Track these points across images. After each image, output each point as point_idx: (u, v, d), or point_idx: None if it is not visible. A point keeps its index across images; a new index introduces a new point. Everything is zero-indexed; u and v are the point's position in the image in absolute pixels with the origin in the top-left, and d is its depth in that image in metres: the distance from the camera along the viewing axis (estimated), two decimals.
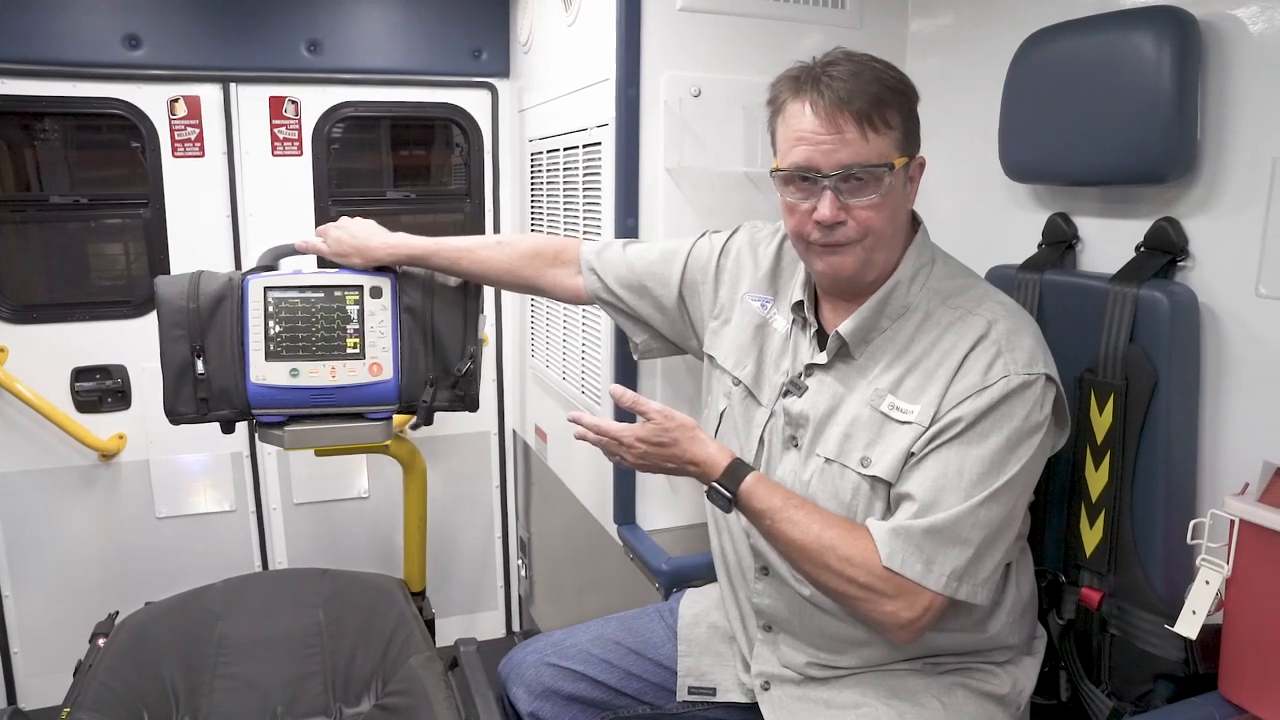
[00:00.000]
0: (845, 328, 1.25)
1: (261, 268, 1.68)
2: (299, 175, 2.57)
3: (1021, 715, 1.32)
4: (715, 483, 1.26)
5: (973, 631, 1.26)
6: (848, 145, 1.15)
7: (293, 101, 2.52)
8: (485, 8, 2.60)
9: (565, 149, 2.10)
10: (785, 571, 1.30)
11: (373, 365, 1.65)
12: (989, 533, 1.15)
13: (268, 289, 1.60)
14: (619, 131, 1.73)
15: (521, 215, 2.60)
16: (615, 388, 1.37)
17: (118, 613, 1.87)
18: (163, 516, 2.61)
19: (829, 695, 1.30)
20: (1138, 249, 1.37)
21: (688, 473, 1.31)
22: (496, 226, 2.78)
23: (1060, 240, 1.51)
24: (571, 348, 2.15)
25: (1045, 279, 1.46)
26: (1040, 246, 1.54)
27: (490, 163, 2.74)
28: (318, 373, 1.61)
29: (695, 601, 1.54)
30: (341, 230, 1.70)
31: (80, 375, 2.46)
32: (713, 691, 1.45)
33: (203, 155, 2.46)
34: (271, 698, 1.58)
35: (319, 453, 1.75)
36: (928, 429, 1.16)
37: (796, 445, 1.30)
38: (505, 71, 2.67)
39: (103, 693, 1.52)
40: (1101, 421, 1.33)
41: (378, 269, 1.69)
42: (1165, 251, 1.33)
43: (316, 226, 1.74)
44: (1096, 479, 1.34)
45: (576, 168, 2.02)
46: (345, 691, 1.61)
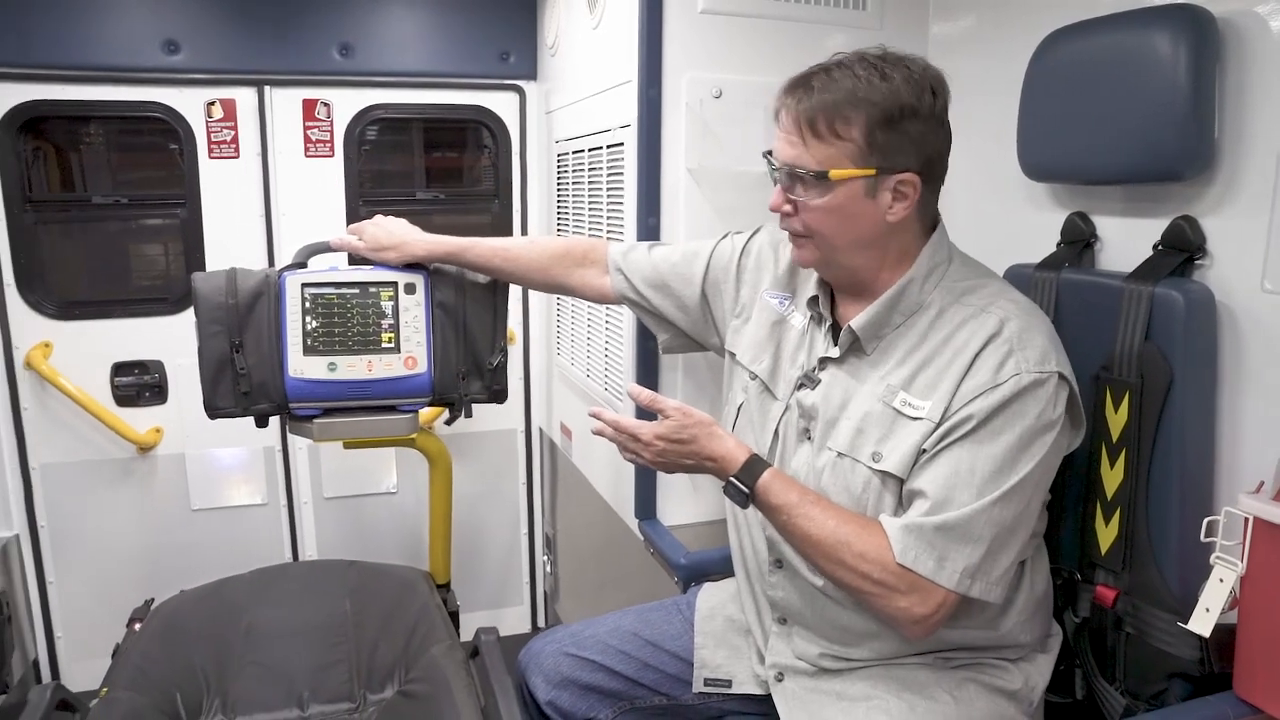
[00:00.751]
0: (857, 322, 1.27)
1: (295, 265, 1.72)
2: (331, 176, 2.63)
3: (1034, 711, 1.32)
4: (732, 478, 1.27)
5: (985, 628, 1.27)
6: (793, 146, 1.21)
7: (325, 104, 2.58)
8: (513, 11, 2.65)
9: (590, 150, 2.13)
10: (799, 564, 1.32)
11: (408, 359, 1.71)
12: (1001, 531, 1.15)
13: (305, 285, 1.65)
14: (641, 132, 1.76)
15: (549, 215, 2.63)
16: (633, 387, 1.38)
17: (153, 599, 1.93)
18: (197, 508, 2.68)
19: (841, 687, 1.31)
20: (1155, 247, 1.37)
21: (705, 469, 1.31)
22: (524, 227, 2.82)
23: (1078, 239, 1.51)
24: (595, 345, 2.18)
25: (1062, 278, 1.46)
26: (1059, 246, 1.55)
27: (518, 164, 2.79)
28: (355, 366, 1.66)
29: (712, 595, 1.57)
30: (378, 228, 1.74)
31: (120, 370, 2.54)
32: (728, 683, 1.47)
33: (238, 156, 2.53)
34: (298, 683, 1.63)
35: (347, 445, 1.80)
36: (938, 425, 1.18)
37: (810, 438, 1.32)
38: (533, 74, 2.72)
39: (137, 674, 1.57)
40: (1117, 419, 1.33)
41: (409, 266, 1.73)
42: (1182, 250, 1.32)
43: (348, 226, 1.78)
44: (1112, 477, 1.34)
45: (601, 168, 2.05)
46: (369, 679, 1.65)
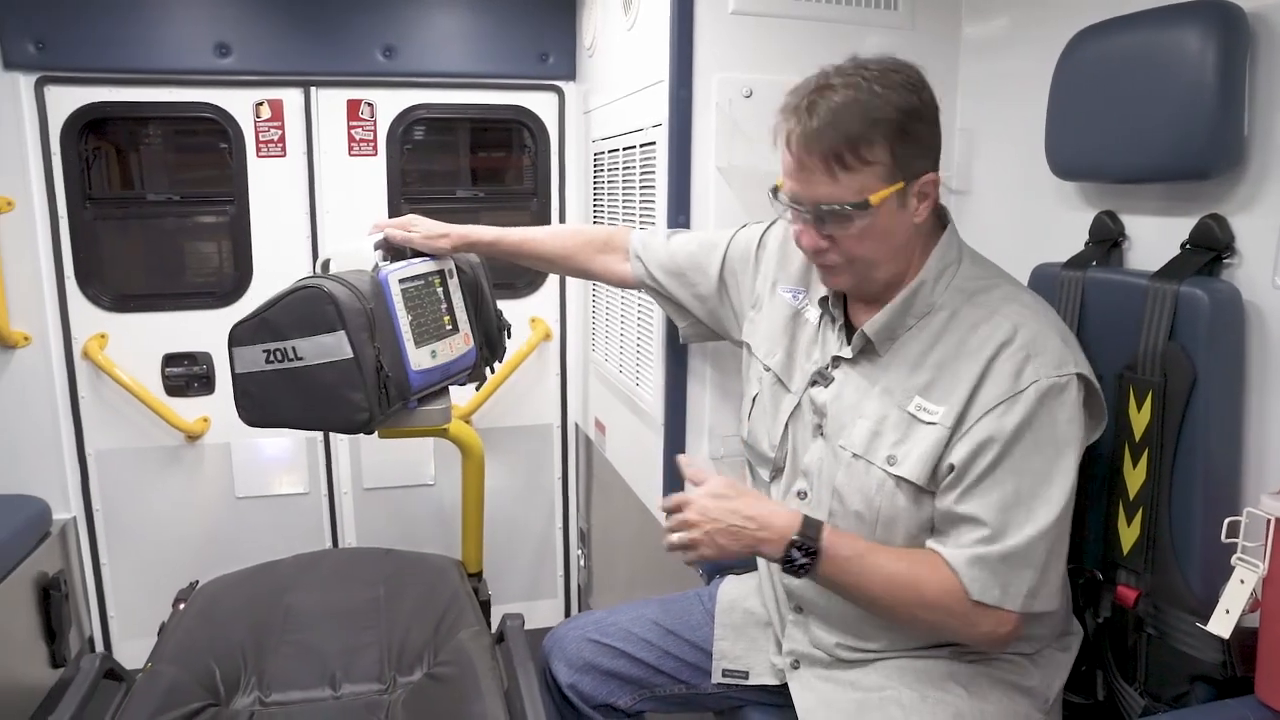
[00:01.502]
0: (870, 326, 1.28)
1: (384, 263, 1.75)
2: (373, 174, 2.70)
3: (1050, 709, 1.32)
4: (796, 536, 1.19)
5: None
6: (818, 184, 1.18)
7: (369, 104, 2.66)
8: (552, 13, 2.69)
9: (624, 149, 2.17)
10: None
11: (464, 336, 1.83)
12: (1051, 544, 1.18)
13: (400, 281, 1.68)
14: (671, 131, 1.78)
15: (586, 214, 2.67)
16: (682, 458, 1.35)
17: (198, 581, 2.01)
18: (242, 496, 2.77)
19: (855, 677, 1.32)
20: (1183, 246, 1.36)
21: (752, 534, 1.21)
22: (562, 223, 2.87)
23: (1106, 239, 1.50)
24: (628, 340, 2.22)
25: (1088, 276, 1.45)
26: (1086, 245, 1.54)
27: (557, 163, 2.83)
28: (444, 351, 1.75)
29: (733, 587, 1.58)
30: (421, 220, 1.80)
31: (170, 361, 2.64)
32: (745, 675, 1.49)
33: (284, 155, 2.62)
34: (330, 664, 1.68)
35: (383, 435, 1.85)
36: (953, 431, 1.19)
37: (823, 434, 1.34)
38: (571, 74, 2.76)
39: (179, 650, 1.64)
40: (1140, 419, 1.32)
41: (428, 255, 1.80)
42: (1210, 249, 1.31)
43: (376, 223, 1.81)
44: (1134, 476, 1.33)
45: (634, 167, 2.09)
46: (399, 662, 1.69)
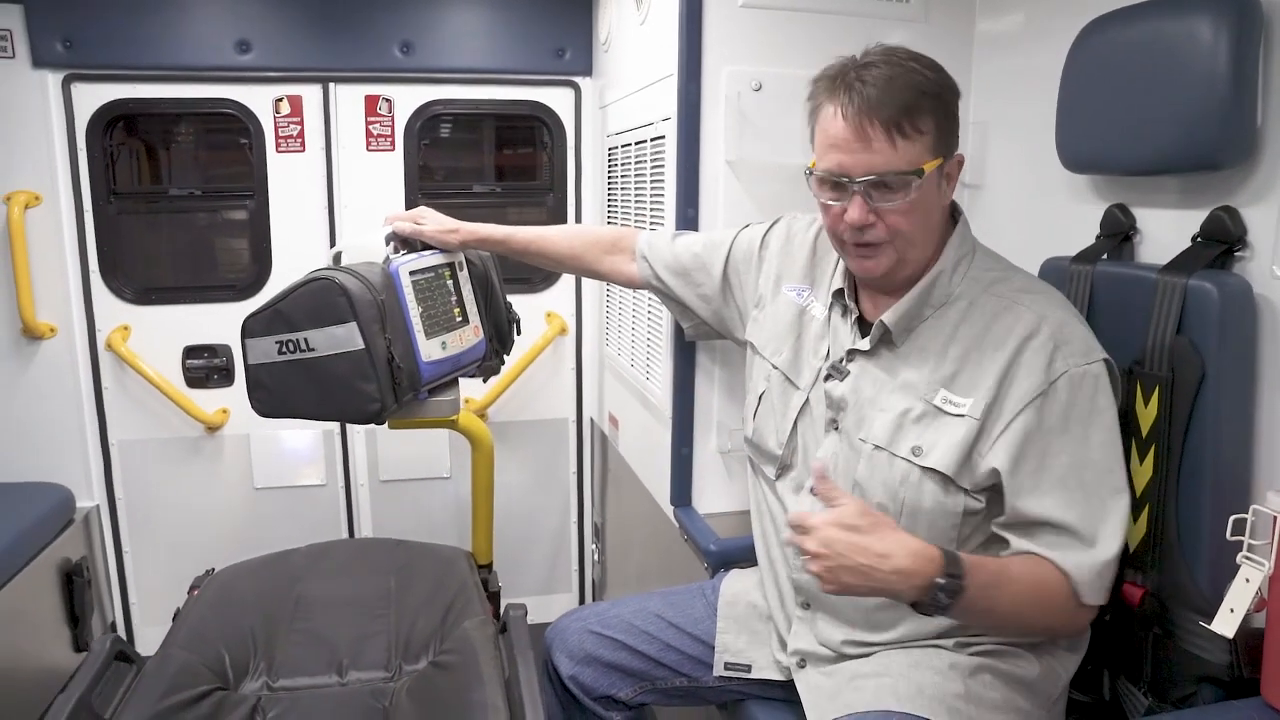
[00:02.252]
0: (889, 317, 1.28)
1: (397, 255, 1.77)
2: (391, 169, 2.73)
3: (1053, 706, 1.30)
4: (943, 578, 1.08)
5: None
6: (876, 153, 1.17)
7: (386, 100, 2.68)
8: (568, 8, 2.70)
9: (636, 143, 2.17)
10: None
11: (474, 328, 1.84)
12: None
13: (411, 273, 1.70)
14: (680, 125, 1.78)
15: (601, 209, 2.68)
16: (818, 464, 1.18)
17: (214, 569, 2.04)
18: (260, 487, 2.82)
19: (856, 668, 1.32)
20: (1194, 239, 1.33)
21: (882, 574, 1.07)
22: (578, 219, 2.88)
23: (1117, 232, 1.48)
24: (639, 335, 2.22)
25: (1097, 270, 1.43)
26: (1098, 238, 1.52)
27: (573, 158, 2.84)
28: (454, 342, 1.77)
29: (736, 581, 1.58)
30: (429, 213, 1.82)
31: (190, 353, 2.69)
32: (748, 668, 1.49)
33: (303, 150, 2.65)
34: (339, 651, 1.70)
35: (393, 425, 1.87)
36: (983, 422, 1.19)
37: (837, 428, 1.33)
38: (588, 70, 2.77)
39: (191, 635, 1.67)
40: (1147, 414, 1.30)
41: (437, 249, 1.81)
42: (1222, 241, 1.29)
43: (387, 217, 1.83)
44: (1141, 473, 1.31)
45: (645, 161, 2.09)
46: (406, 650, 1.71)
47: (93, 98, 2.53)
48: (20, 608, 2.29)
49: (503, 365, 2.08)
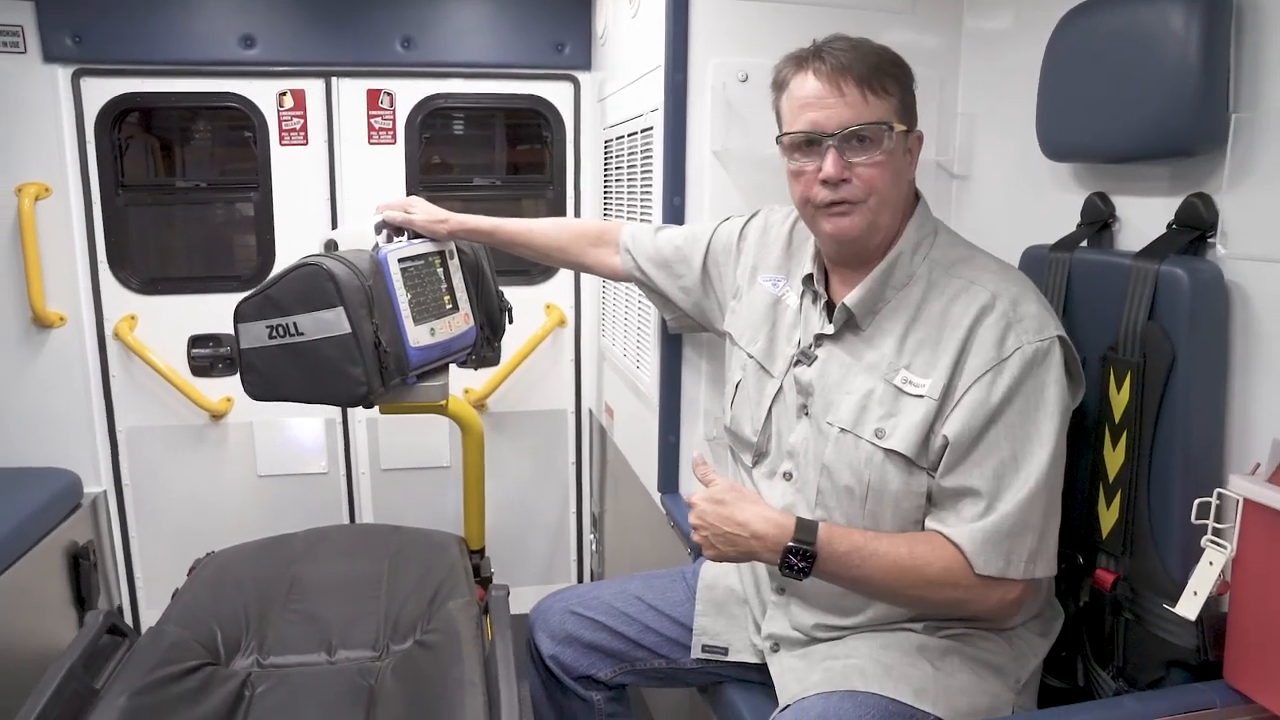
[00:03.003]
0: (851, 299, 1.30)
1: (383, 243, 1.80)
2: (392, 162, 2.77)
3: (1022, 690, 1.31)
4: (792, 542, 1.20)
5: None
6: (850, 106, 1.22)
7: (388, 94, 2.72)
8: (567, 3, 2.73)
9: (629, 135, 2.19)
10: None
11: (464, 315, 1.87)
12: (1046, 506, 1.20)
13: (400, 260, 1.73)
14: (667, 115, 1.80)
15: (599, 202, 2.70)
16: (698, 456, 1.39)
17: (214, 552, 2.08)
18: (263, 474, 2.87)
19: (828, 650, 1.33)
20: (1169, 226, 1.34)
21: (747, 540, 1.23)
22: (577, 212, 2.91)
23: (1096, 220, 1.49)
24: (630, 325, 2.24)
25: (1074, 258, 1.44)
26: (1078, 227, 1.52)
27: (572, 151, 2.87)
28: (443, 328, 1.80)
29: (715, 566, 1.60)
30: (418, 202, 1.85)
31: (195, 342, 2.74)
32: (725, 651, 1.51)
33: (306, 144, 2.70)
34: (329, 631, 1.74)
35: (384, 411, 1.90)
36: (941, 403, 1.21)
37: (808, 413, 1.35)
38: (587, 64, 2.79)
39: (185, 612, 1.72)
40: (1119, 400, 1.31)
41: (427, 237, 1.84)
42: (1195, 228, 1.29)
43: (377, 206, 1.85)
44: (1114, 458, 1.32)
45: (636, 152, 2.11)
46: (394, 631, 1.74)
47: (101, 92, 2.58)
48: (28, 588, 2.34)
49: (498, 357, 2.10)
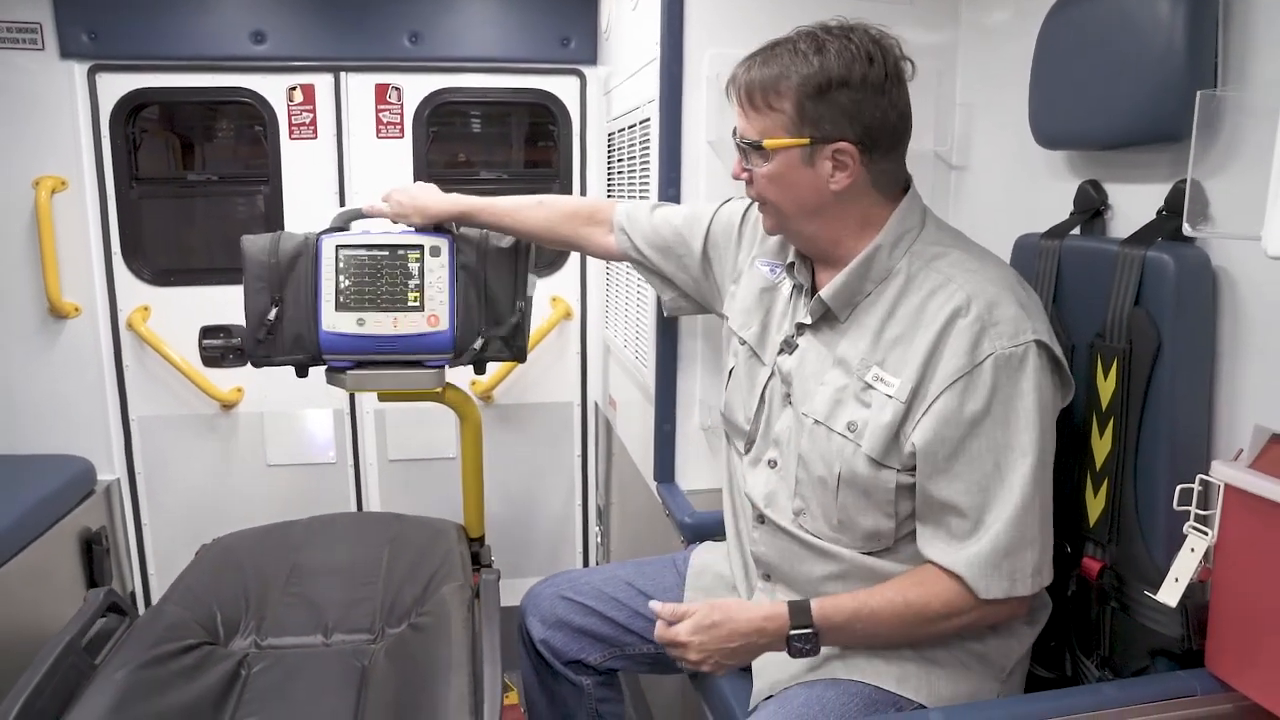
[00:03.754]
0: (826, 292, 1.30)
1: (334, 229, 1.86)
2: (400, 156, 2.80)
3: (1008, 679, 1.31)
4: (793, 631, 1.22)
5: None
6: (742, 117, 1.29)
7: (396, 88, 2.76)
8: None
9: (629, 127, 2.21)
10: (782, 520, 1.35)
11: (430, 317, 1.81)
12: (1042, 515, 1.19)
13: (339, 247, 1.78)
14: (662, 106, 1.81)
15: (603, 194, 2.72)
16: (654, 605, 1.31)
17: (219, 537, 2.12)
18: (273, 464, 2.91)
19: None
20: (1159, 213, 1.33)
21: (754, 645, 1.25)
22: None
23: (1089, 208, 1.48)
24: (630, 314, 2.26)
25: (1064, 245, 1.44)
26: (1071, 215, 1.52)
27: (578, 145, 2.89)
28: (381, 323, 1.78)
29: (706, 552, 1.61)
30: (402, 194, 1.85)
31: (206, 333, 2.77)
32: None
33: (316, 138, 2.74)
34: (326, 615, 1.76)
35: (382, 397, 1.93)
36: (908, 405, 1.19)
37: (790, 402, 1.35)
38: (592, 58, 2.81)
39: (186, 593, 1.75)
40: (1106, 387, 1.30)
41: (437, 229, 1.84)
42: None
43: (381, 194, 1.89)
44: (1101, 446, 1.31)
45: (635, 144, 2.12)
46: (389, 615, 1.76)
47: (116, 87, 2.64)
48: (42, 571, 2.40)
49: (479, 368, 1.98)
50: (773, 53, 1.24)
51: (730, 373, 1.50)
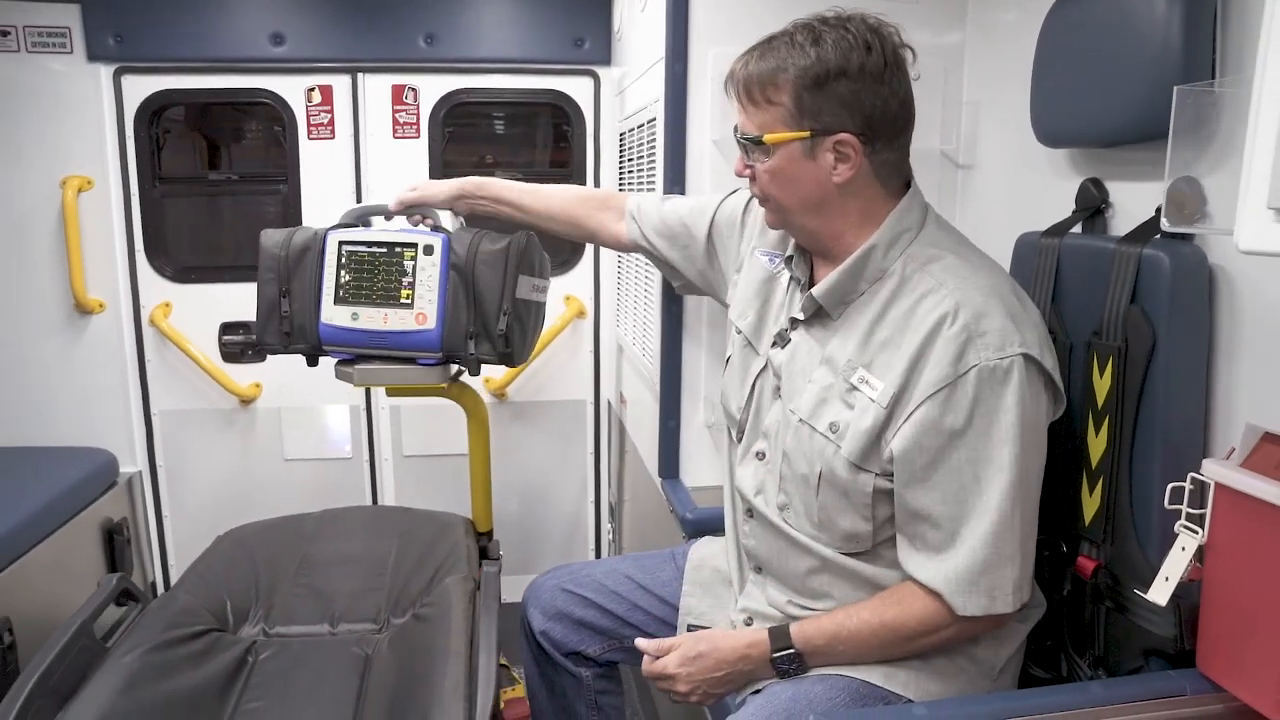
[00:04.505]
0: (819, 289, 1.29)
1: (343, 224, 1.89)
2: (416, 155, 2.84)
3: (999, 678, 1.30)
4: (774, 654, 1.26)
5: None
6: (742, 113, 1.28)
7: (412, 89, 2.80)
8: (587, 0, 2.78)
9: (637, 127, 2.23)
10: (770, 514, 1.35)
11: (418, 315, 1.79)
12: (1023, 532, 1.18)
13: (342, 243, 1.81)
14: (667, 106, 1.83)
15: None
16: (639, 642, 1.37)
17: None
18: (290, 458, 2.96)
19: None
20: (1158, 210, 1.32)
21: (741, 672, 1.30)
22: None
23: (1090, 206, 1.48)
24: (637, 310, 2.28)
25: (1064, 243, 1.43)
26: (1073, 213, 1.51)
27: (592, 145, 2.91)
28: (373, 318, 1.80)
29: (704, 547, 1.62)
30: (407, 189, 1.84)
31: (226, 329, 2.85)
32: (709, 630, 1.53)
33: (333, 138, 2.79)
34: (333, 605, 1.80)
35: (390, 392, 1.96)
36: (890, 411, 1.19)
37: (780, 396, 1.36)
38: (606, 59, 2.83)
39: (198, 580, 1.80)
40: (1102, 385, 1.30)
41: (434, 229, 1.85)
42: None
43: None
44: (1096, 445, 1.31)
45: (643, 144, 2.14)
46: (395, 606, 1.80)
47: (140, 88, 2.70)
48: (64, 560, 2.46)
49: (516, 359, 1.89)
50: (769, 46, 1.24)
51: (728, 361, 1.51)
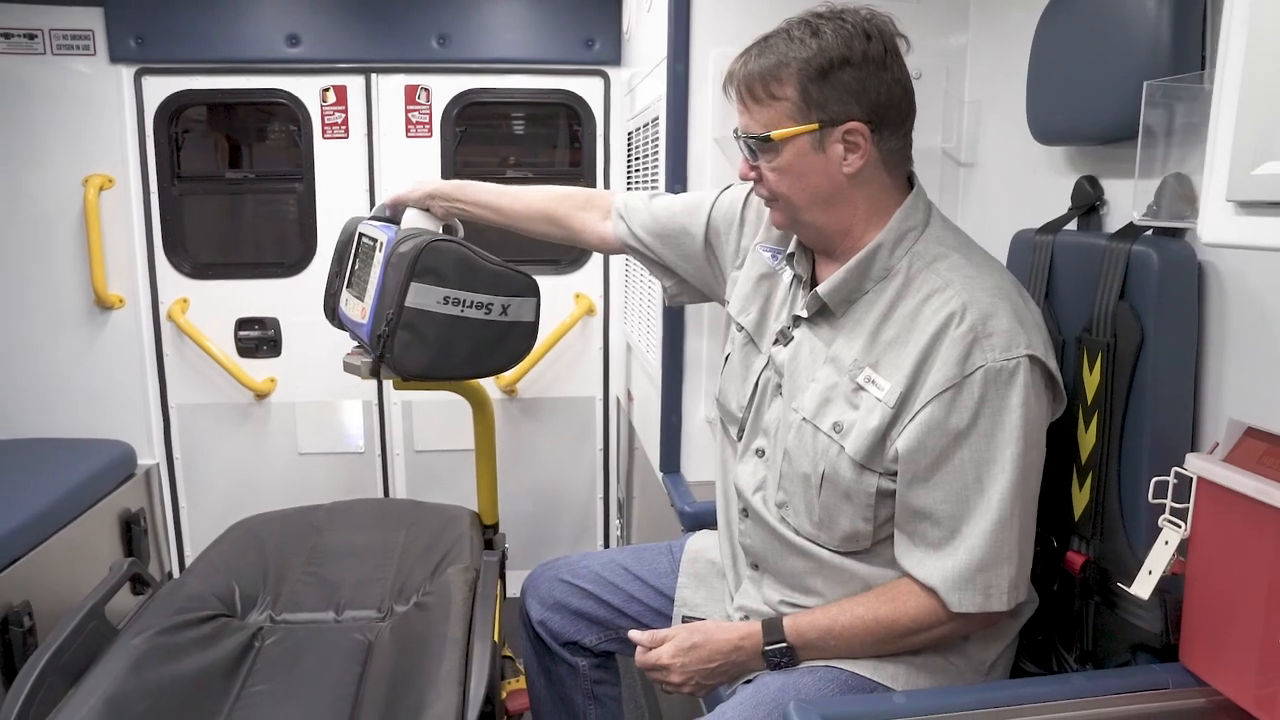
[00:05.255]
0: (824, 288, 1.29)
1: (374, 216, 1.89)
2: (429, 155, 2.89)
3: (989, 670, 1.31)
4: (766, 647, 1.27)
5: None
6: (745, 113, 1.27)
7: (424, 89, 2.84)
8: (597, 0, 2.81)
9: (643, 126, 2.25)
10: (765, 513, 1.37)
11: (363, 310, 1.77)
12: (1021, 531, 1.19)
13: (360, 233, 1.85)
14: (669, 105, 1.85)
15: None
16: (634, 634, 1.39)
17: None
18: (304, 452, 3.02)
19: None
20: (1150, 207, 1.33)
21: (732, 662, 1.31)
22: None
23: (1085, 203, 1.48)
24: (642, 307, 2.30)
25: (1057, 240, 1.44)
26: (1068, 210, 1.52)
27: (602, 145, 2.94)
28: (352, 307, 1.84)
29: (700, 540, 1.63)
30: (394, 191, 1.87)
31: (242, 325, 2.90)
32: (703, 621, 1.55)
33: (347, 137, 2.84)
34: (338, 593, 1.84)
35: (398, 386, 1.99)
36: (896, 410, 1.19)
37: (781, 394, 1.36)
38: (616, 59, 2.86)
39: (208, 567, 1.84)
40: (1091, 381, 1.30)
41: (389, 224, 1.83)
42: None
43: None
44: (1086, 440, 1.32)
45: (649, 143, 2.17)
46: (399, 595, 1.83)
47: (160, 89, 2.77)
48: (82, 549, 2.52)
49: (375, 369, 1.77)
50: (767, 44, 1.23)
51: (726, 359, 1.51)
